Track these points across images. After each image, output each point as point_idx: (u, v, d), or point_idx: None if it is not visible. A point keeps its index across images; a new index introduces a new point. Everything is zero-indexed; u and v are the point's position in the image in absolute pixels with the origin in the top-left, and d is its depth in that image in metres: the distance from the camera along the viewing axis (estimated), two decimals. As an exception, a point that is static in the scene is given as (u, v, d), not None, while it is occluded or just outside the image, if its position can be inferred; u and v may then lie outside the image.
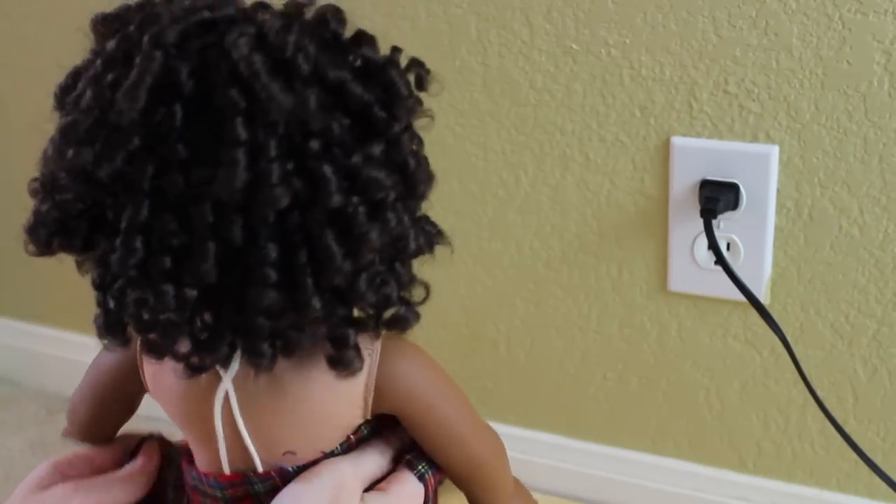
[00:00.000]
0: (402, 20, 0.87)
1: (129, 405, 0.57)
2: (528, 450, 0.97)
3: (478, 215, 0.92)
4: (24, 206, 0.47)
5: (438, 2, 0.86)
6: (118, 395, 0.55)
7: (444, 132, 0.89)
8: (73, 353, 1.19)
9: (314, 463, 0.50)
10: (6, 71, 1.12)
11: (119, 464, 0.56)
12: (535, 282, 0.92)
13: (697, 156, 0.81)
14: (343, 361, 0.46)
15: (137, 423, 0.59)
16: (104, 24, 0.44)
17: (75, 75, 0.44)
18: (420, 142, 0.47)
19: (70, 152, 0.42)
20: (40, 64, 1.08)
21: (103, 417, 0.57)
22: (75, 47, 0.46)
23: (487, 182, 0.90)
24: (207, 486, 0.51)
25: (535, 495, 0.63)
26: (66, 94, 0.44)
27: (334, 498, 0.49)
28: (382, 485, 0.52)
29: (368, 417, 0.51)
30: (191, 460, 0.53)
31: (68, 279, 1.28)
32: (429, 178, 0.47)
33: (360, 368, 0.46)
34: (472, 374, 0.98)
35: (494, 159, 0.89)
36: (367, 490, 0.51)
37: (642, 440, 0.94)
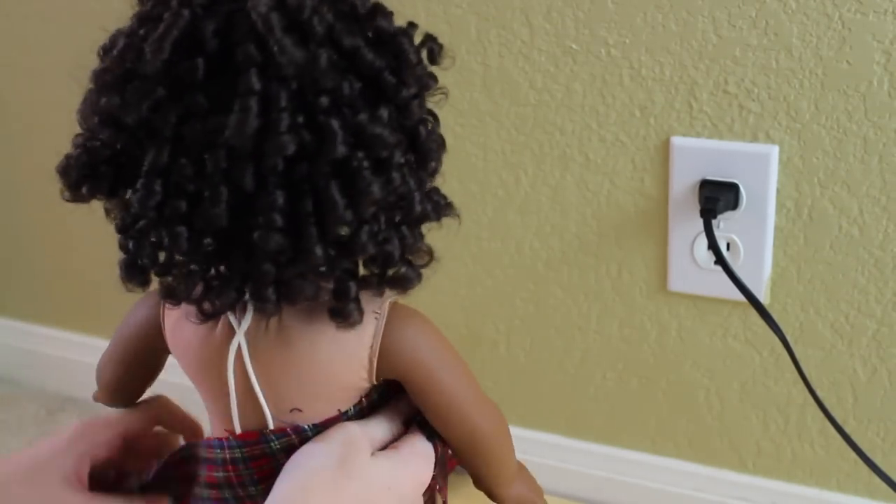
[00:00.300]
0: (402, 20, 0.87)
1: (152, 366, 0.59)
2: (528, 450, 0.97)
3: (478, 215, 0.92)
4: (24, 207, 0.48)
5: (438, 2, 0.86)
6: (142, 354, 0.58)
7: (445, 132, 0.89)
8: (73, 353, 1.19)
9: (328, 422, 0.52)
10: (6, 71, 1.12)
11: (144, 426, 0.59)
12: (535, 282, 0.92)
13: (697, 156, 0.81)
14: (343, 313, 0.48)
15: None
16: None
17: (116, 35, 0.47)
18: (435, 118, 0.50)
19: (102, 99, 0.45)
20: (40, 64, 1.08)
21: (128, 378, 0.59)
22: (75, 47, 0.47)
23: (487, 182, 0.90)
24: (227, 450, 0.53)
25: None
26: (107, 53, 0.47)
27: (344, 454, 0.51)
28: (395, 444, 0.54)
29: (374, 382, 0.52)
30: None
31: (68, 279, 1.27)
32: (439, 150, 0.50)
33: (359, 321, 0.48)
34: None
35: (494, 159, 0.89)
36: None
37: (642, 440, 0.94)
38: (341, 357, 0.51)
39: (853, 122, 0.76)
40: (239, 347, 0.51)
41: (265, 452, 0.52)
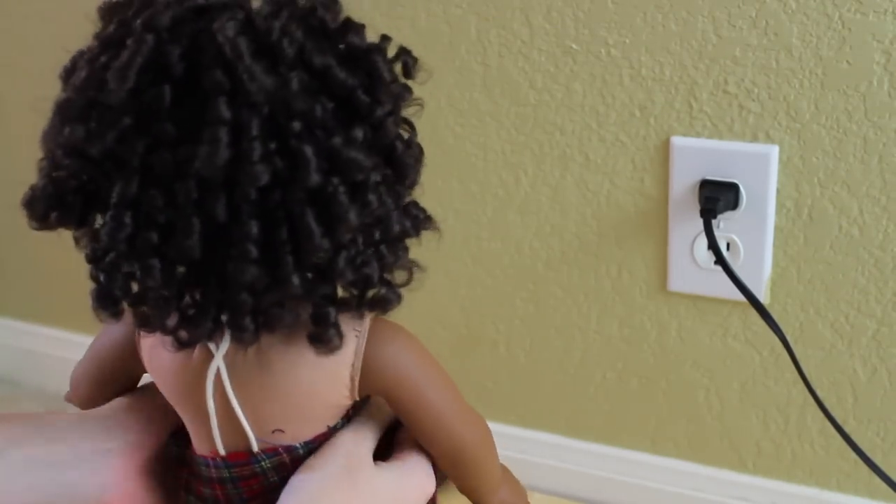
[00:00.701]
0: (402, 20, 0.87)
1: (129, 382, 0.58)
2: (528, 450, 0.97)
3: (478, 215, 0.92)
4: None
5: (438, 2, 0.86)
6: (118, 371, 0.57)
7: (444, 132, 0.89)
8: (73, 353, 1.18)
9: (318, 438, 0.52)
10: (6, 71, 1.12)
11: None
12: (534, 282, 0.92)
13: (697, 156, 0.81)
14: (323, 339, 0.47)
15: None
16: (109, 12, 0.45)
17: (78, 58, 0.46)
18: (411, 128, 0.49)
19: (65, 130, 0.44)
20: (40, 64, 1.08)
21: (104, 392, 0.58)
22: (75, 47, 0.46)
23: (487, 182, 0.90)
24: (213, 469, 0.52)
25: (535, 495, 0.63)
26: (69, 76, 0.45)
27: (348, 466, 0.50)
28: (398, 455, 0.54)
29: (357, 398, 0.52)
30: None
31: (68, 279, 1.28)
32: (417, 163, 0.48)
33: (339, 346, 0.47)
34: (472, 374, 0.98)
35: (494, 159, 0.89)
36: (380, 456, 0.53)
37: (642, 440, 0.94)
38: (322, 378, 0.50)
39: (853, 122, 0.76)
40: (218, 371, 0.50)
41: (255, 472, 0.52)
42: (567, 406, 0.96)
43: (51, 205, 0.46)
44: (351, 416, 0.53)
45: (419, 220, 0.49)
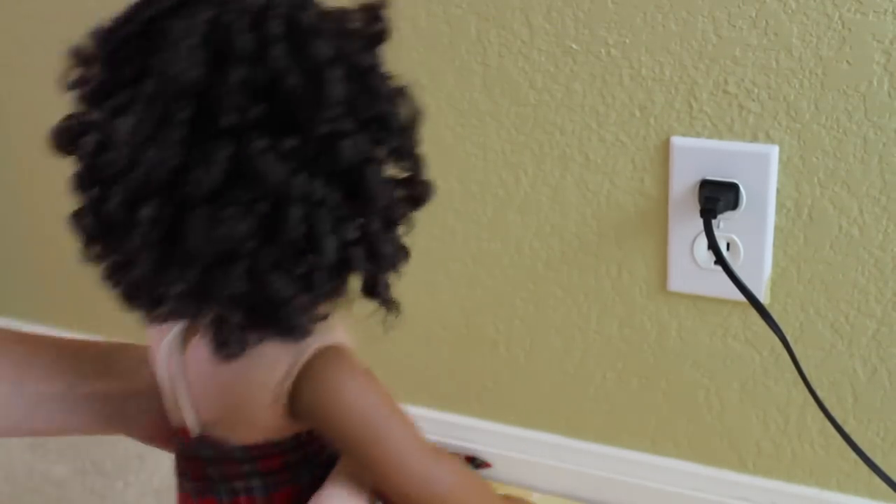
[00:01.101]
0: (402, 20, 0.87)
1: None
2: (528, 450, 0.97)
3: (478, 215, 0.92)
4: (25, 207, 0.48)
5: (438, 2, 0.86)
6: None
7: (444, 132, 0.89)
8: (72, 353, 1.19)
9: (256, 448, 0.50)
10: (6, 71, 1.12)
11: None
12: (534, 282, 0.92)
13: (697, 156, 0.81)
14: (218, 339, 0.45)
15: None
16: None
17: None
18: (415, 165, 0.46)
19: (83, 40, 0.47)
20: (40, 64, 1.08)
21: None
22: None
23: (487, 182, 0.90)
24: (175, 438, 0.54)
25: (535, 496, 0.62)
26: None
27: None
28: None
29: (291, 418, 0.49)
30: None
31: (68, 279, 1.27)
32: (391, 198, 0.45)
33: (238, 353, 0.45)
34: (472, 374, 0.98)
35: (494, 159, 0.89)
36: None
37: (642, 440, 0.94)
38: (248, 385, 0.48)
39: (853, 122, 0.76)
40: (173, 342, 0.51)
41: (195, 456, 0.52)
42: (567, 406, 0.96)
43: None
44: (305, 441, 0.51)
45: (382, 256, 0.46)
